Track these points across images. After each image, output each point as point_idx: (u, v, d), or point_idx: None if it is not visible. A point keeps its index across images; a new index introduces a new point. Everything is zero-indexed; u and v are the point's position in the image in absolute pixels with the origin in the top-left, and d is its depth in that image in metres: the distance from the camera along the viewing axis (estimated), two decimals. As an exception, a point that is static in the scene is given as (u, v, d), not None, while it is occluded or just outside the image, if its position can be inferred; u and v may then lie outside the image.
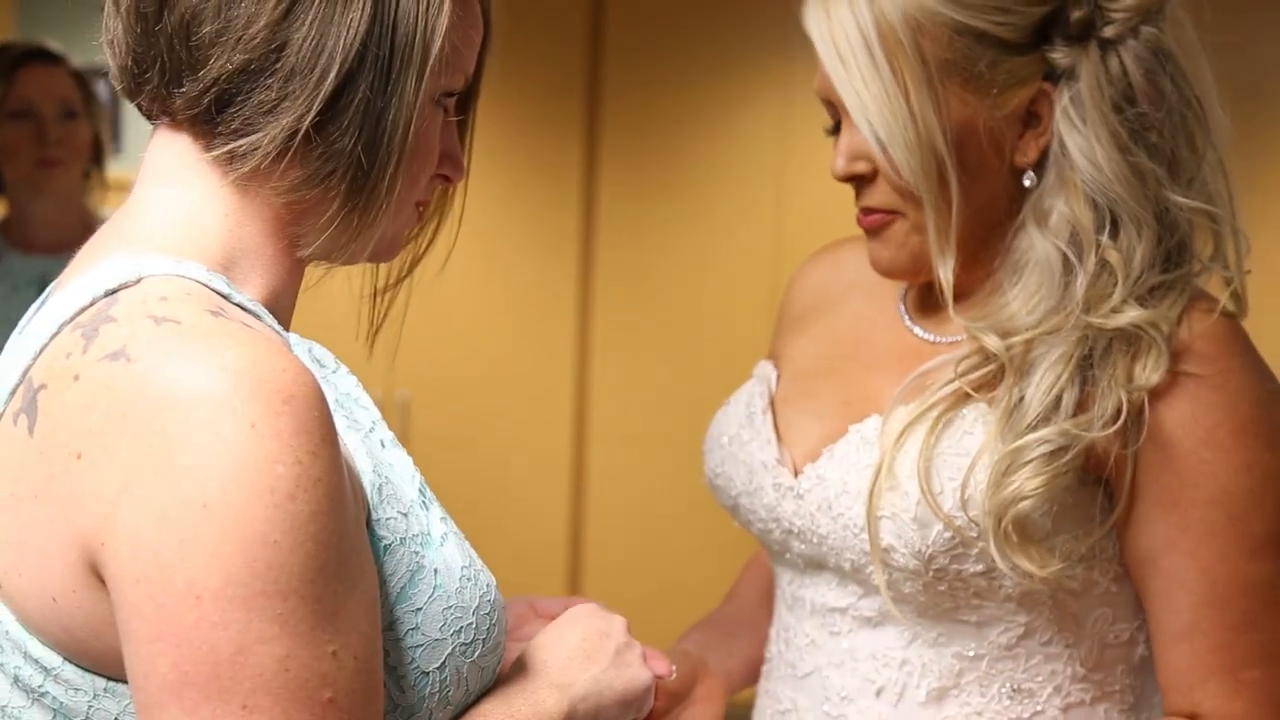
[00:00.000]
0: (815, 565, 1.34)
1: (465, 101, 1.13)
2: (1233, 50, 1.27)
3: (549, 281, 4.73)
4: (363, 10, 0.97)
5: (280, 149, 0.97)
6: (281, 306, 1.05)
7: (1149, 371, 1.16)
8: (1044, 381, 1.18)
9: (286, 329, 1.05)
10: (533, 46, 4.50)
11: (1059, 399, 1.17)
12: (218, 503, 0.86)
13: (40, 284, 2.62)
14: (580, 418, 4.78)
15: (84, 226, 2.61)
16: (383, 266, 1.16)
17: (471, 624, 1.01)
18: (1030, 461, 1.16)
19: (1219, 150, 1.23)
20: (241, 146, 0.98)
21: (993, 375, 1.22)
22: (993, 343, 1.20)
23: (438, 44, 1.00)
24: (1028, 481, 1.16)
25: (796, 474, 1.33)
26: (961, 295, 1.25)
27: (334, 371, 1.06)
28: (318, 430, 0.89)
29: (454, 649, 1.00)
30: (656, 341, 4.65)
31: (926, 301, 1.33)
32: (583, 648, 1.13)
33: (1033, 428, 1.16)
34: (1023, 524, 1.17)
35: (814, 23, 1.22)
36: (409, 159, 1.02)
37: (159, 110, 1.01)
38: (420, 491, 1.03)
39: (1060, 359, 1.18)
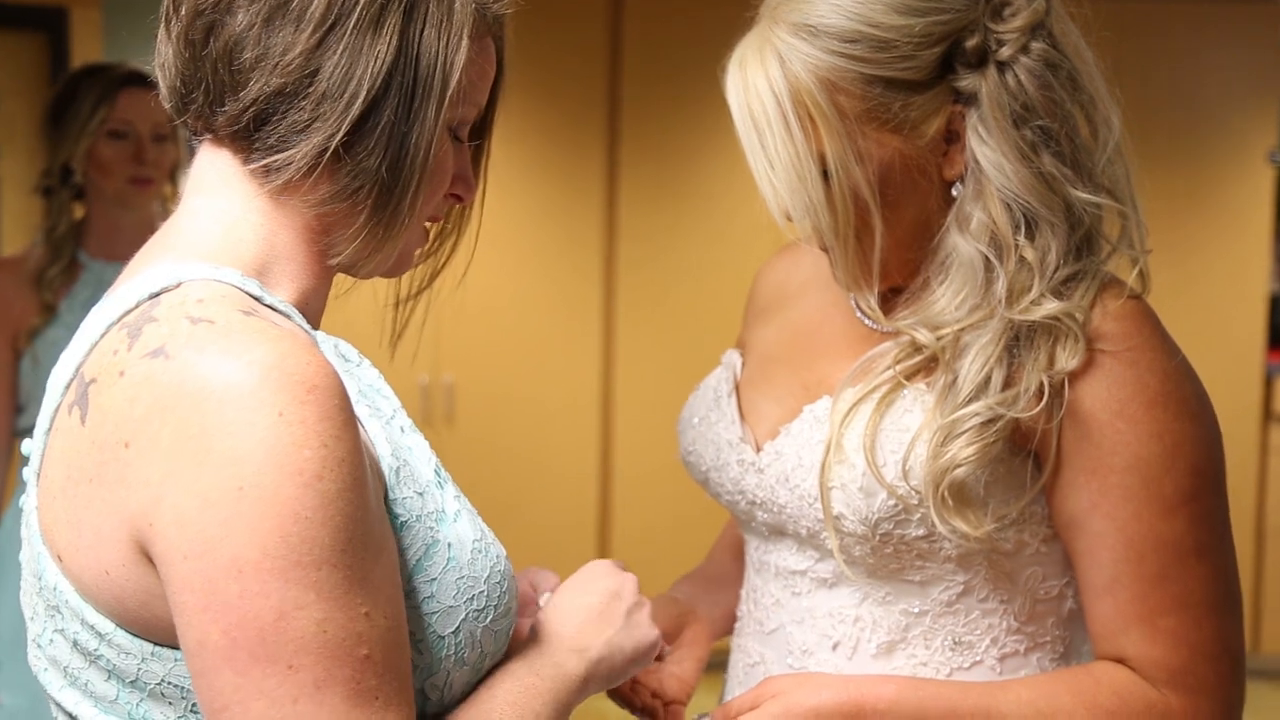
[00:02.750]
0: (777, 532, 1.37)
1: (481, 129, 1.15)
2: (1109, 44, 1.28)
3: (577, 275, 4.99)
4: (389, 43, 1.00)
5: (311, 164, 1.00)
6: (311, 308, 1.07)
7: (1067, 357, 1.19)
8: (974, 364, 1.21)
9: (316, 328, 1.08)
10: (558, 65, 4.73)
11: (988, 378, 1.20)
12: (252, 485, 0.88)
13: None
14: (606, 396, 5.04)
15: None
16: (405, 279, 1.19)
17: (483, 592, 1.02)
18: (964, 433, 1.19)
19: (1115, 137, 1.25)
20: (276, 161, 1.00)
21: (927, 363, 1.25)
22: (923, 336, 1.24)
23: (456, 77, 1.03)
24: (962, 450, 1.19)
25: (758, 451, 1.37)
26: (899, 291, 1.31)
27: (358, 365, 1.07)
28: (339, 416, 0.91)
29: (468, 615, 1.01)
30: (674, 325, 4.89)
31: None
32: (598, 610, 1.15)
33: (966, 404, 1.20)
34: (958, 489, 1.20)
35: (732, 92, 1.23)
36: (427, 179, 1.04)
37: (203, 128, 1.04)
38: (436, 472, 1.04)
39: (988, 343, 1.21)
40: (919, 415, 1.24)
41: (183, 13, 1.02)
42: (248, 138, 1.02)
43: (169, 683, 0.96)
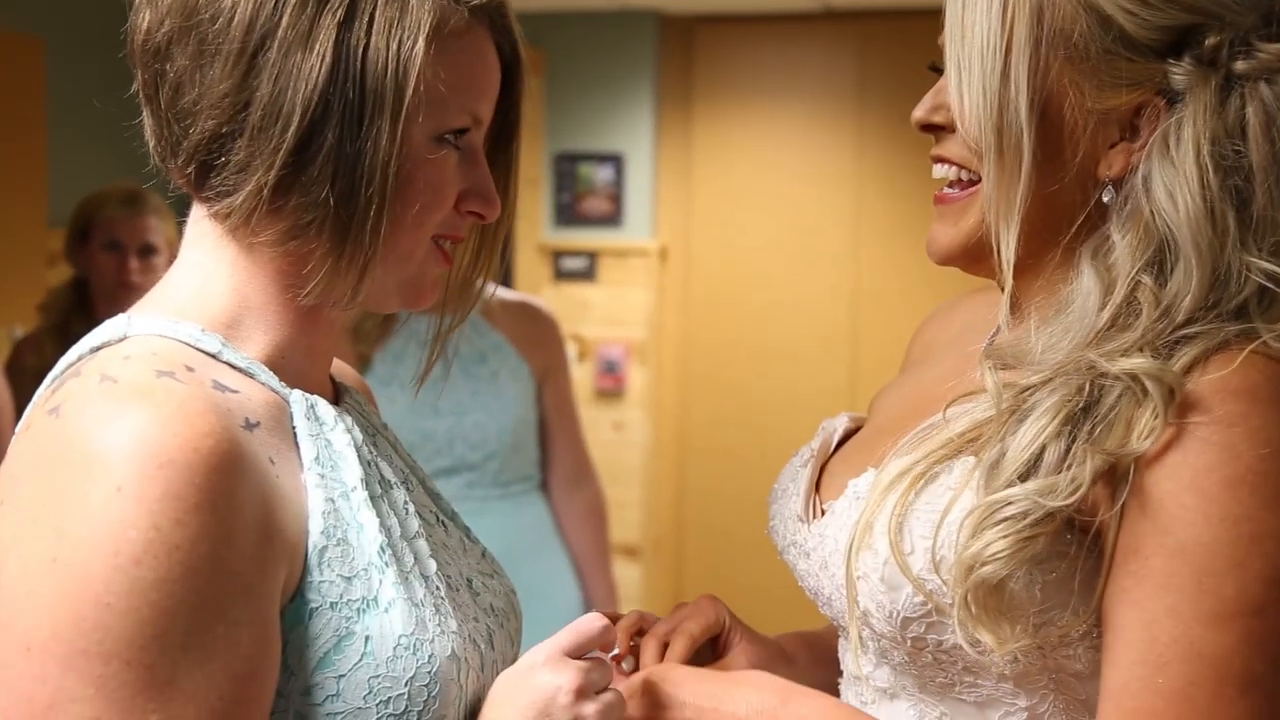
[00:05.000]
0: (837, 629, 1.24)
1: (502, 138, 1.12)
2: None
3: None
4: (323, 60, 0.95)
5: (253, 204, 0.97)
6: (291, 359, 1.04)
7: (1140, 435, 0.95)
8: (1028, 434, 0.99)
9: (316, 378, 1.08)
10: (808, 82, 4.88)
11: (1040, 453, 0.98)
12: (65, 559, 0.85)
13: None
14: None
15: None
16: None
17: (403, 694, 0.96)
18: (1000, 521, 0.97)
19: None
20: (223, 207, 0.98)
21: (990, 423, 1.04)
22: (989, 382, 1.03)
23: (412, 84, 0.97)
24: (994, 543, 0.96)
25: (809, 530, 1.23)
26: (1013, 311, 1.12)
27: (333, 429, 1.03)
28: (192, 497, 0.86)
29: (380, 718, 0.95)
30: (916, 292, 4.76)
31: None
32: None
33: (1010, 484, 0.98)
34: (988, 591, 0.97)
35: None
36: (396, 200, 0.99)
37: (183, 185, 1.03)
38: (381, 552, 0.99)
39: (1050, 409, 0.99)
40: (965, 495, 1.03)
41: (138, 72, 1.02)
42: (202, 186, 1.00)
43: None
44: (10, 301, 3.71)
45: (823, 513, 1.17)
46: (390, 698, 0.96)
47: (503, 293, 2.87)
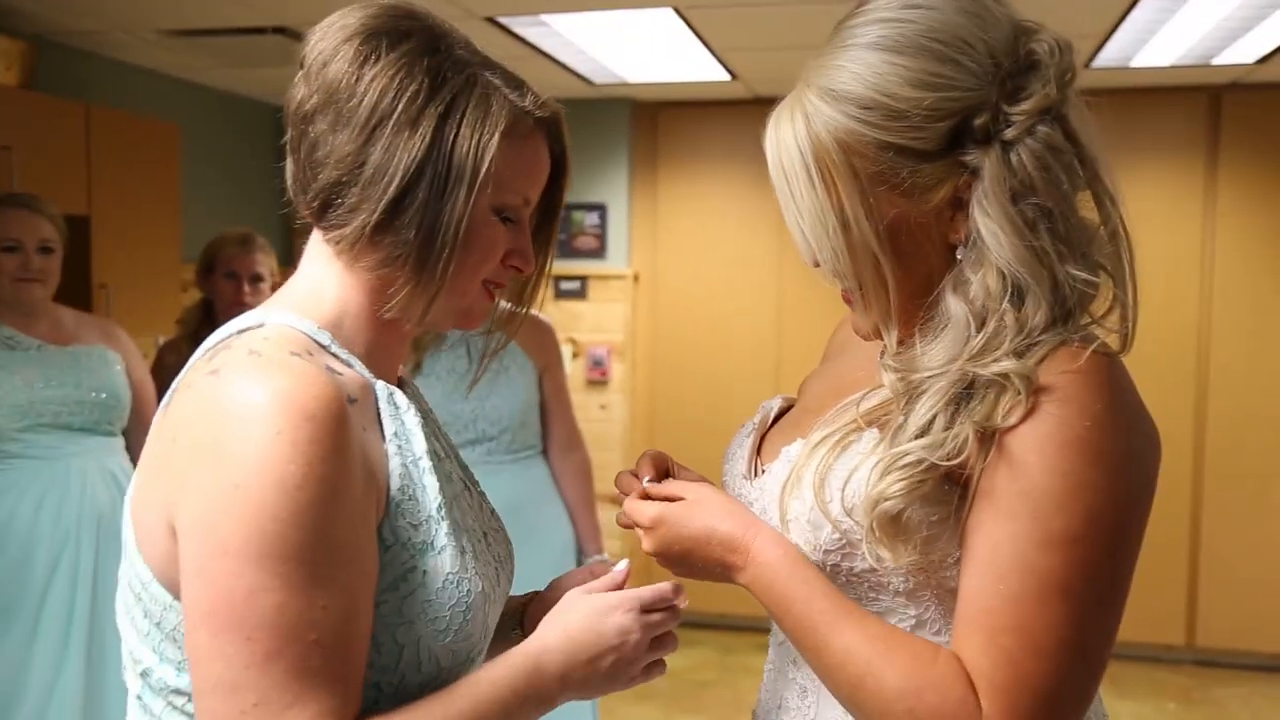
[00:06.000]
0: None
1: (548, 213, 1.11)
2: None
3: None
4: (424, 140, 0.96)
5: (357, 237, 0.98)
6: (378, 358, 1.04)
7: (1004, 413, 0.95)
8: (922, 407, 1.00)
9: (390, 373, 1.06)
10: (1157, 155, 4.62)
11: (931, 421, 0.99)
12: (244, 485, 0.85)
13: (465, 345, 2.72)
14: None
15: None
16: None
17: (445, 617, 0.96)
18: (897, 469, 0.98)
19: (1114, 223, 1.03)
20: (336, 235, 1.00)
21: (891, 403, 1.05)
22: (889, 380, 1.04)
23: (485, 167, 0.97)
24: (891, 485, 0.98)
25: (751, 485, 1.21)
26: (906, 342, 1.10)
27: (405, 411, 1.01)
28: (329, 442, 0.88)
29: (426, 633, 0.95)
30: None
31: None
32: (594, 657, 0.99)
33: (906, 443, 1.00)
34: (888, 521, 0.98)
35: (767, 146, 1.06)
36: (462, 250, 0.99)
37: (307, 216, 1.04)
38: (439, 509, 0.98)
39: (938, 391, 0.99)
40: (871, 457, 1.03)
41: (287, 128, 1.03)
42: (322, 218, 1.01)
43: (180, 630, 0.94)
44: (155, 318, 3.72)
45: (763, 472, 1.16)
46: (435, 616, 0.95)
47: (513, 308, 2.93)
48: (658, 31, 3.68)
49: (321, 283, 1.02)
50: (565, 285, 4.97)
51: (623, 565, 1.07)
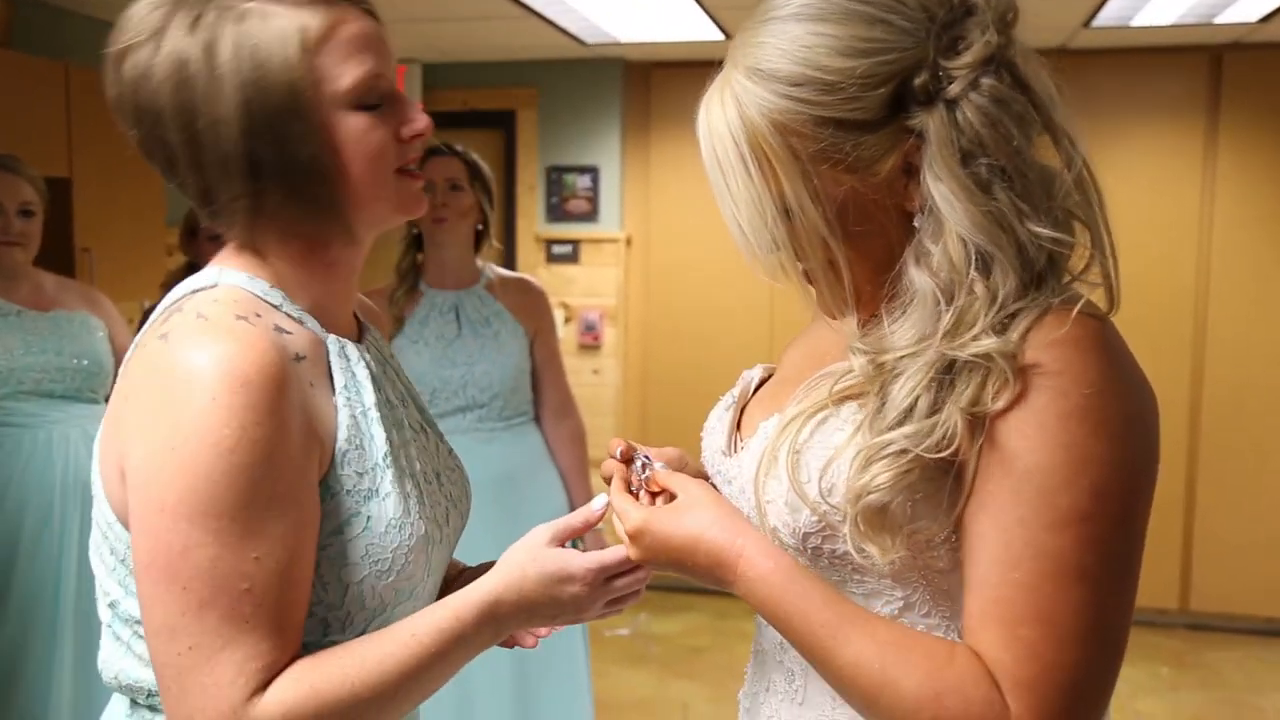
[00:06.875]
0: None
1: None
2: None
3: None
4: (231, 108, 0.96)
5: (246, 233, 1.02)
6: (328, 308, 1.07)
7: (992, 396, 0.90)
8: (902, 390, 0.94)
9: (343, 321, 1.09)
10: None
11: (913, 405, 0.93)
12: (180, 447, 0.90)
13: (455, 311, 2.77)
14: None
15: (473, 272, 2.84)
16: None
17: (388, 558, 1.01)
18: (882, 459, 0.92)
19: (1078, 167, 0.95)
20: (230, 238, 1.05)
21: (864, 385, 0.98)
22: (858, 362, 0.98)
23: (303, 92, 0.96)
24: (878, 476, 0.92)
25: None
26: (875, 318, 1.04)
27: (356, 364, 1.06)
28: (265, 405, 0.92)
29: (370, 572, 1.01)
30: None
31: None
32: (545, 615, 1.03)
33: (888, 429, 0.93)
34: (874, 514, 0.93)
35: (700, 135, 1.00)
36: (342, 172, 0.99)
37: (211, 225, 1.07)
38: (384, 458, 1.03)
39: (920, 369, 0.93)
40: (849, 434, 0.97)
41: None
42: (215, 225, 1.05)
43: None
44: (139, 282, 3.69)
45: (741, 448, 1.11)
46: (379, 558, 1.00)
47: (504, 272, 2.86)
48: (650, -11, 3.63)
49: (253, 264, 1.04)
50: (557, 249, 4.96)
51: (600, 501, 1.07)
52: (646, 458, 1.10)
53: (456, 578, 1.24)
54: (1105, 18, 3.92)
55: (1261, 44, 4.40)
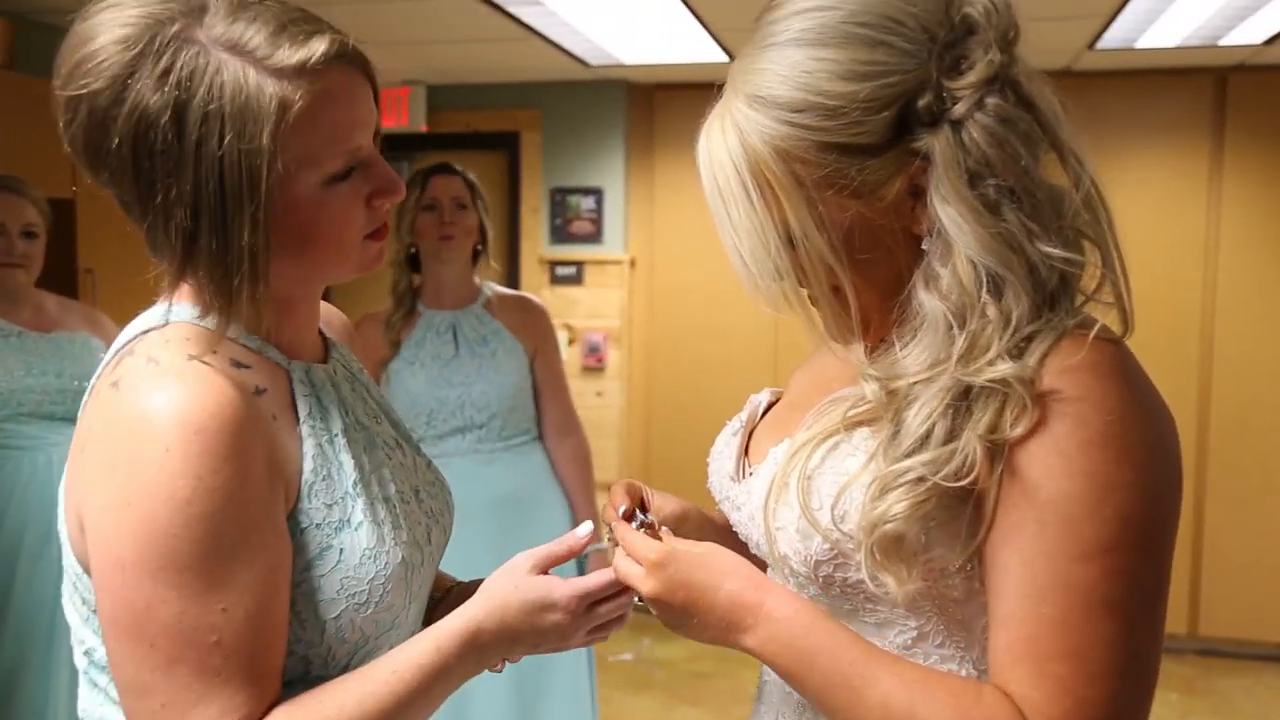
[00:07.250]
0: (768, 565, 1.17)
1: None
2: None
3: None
4: (191, 168, 0.91)
5: (180, 272, 0.97)
6: (289, 333, 1.04)
7: (1011, 423, 0.88)
8: (917, 417, 0.92)
9: (306, 344, 1.06)
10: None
11: (929, 432, 0.91)
12: (136, 502, 0.88)
13: (452, 330, 2.76)
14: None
15: (472, 291, 2.85)
16: None
17: (364, 590, 0.98)
18: (898, 487, 0.91)
19: (1088, 182, 0.94)
20: (195, 282, 0.97)
21: (876, 411, 0.97)
22: (871, 390, 0.96)
23: (264, 180, 0.91)
24: (894, 505, 0.90)
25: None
26: (883, 343, 1.03)
27: (322, 389, 1.03)
28: (222, 451, 0.89)
29: (348, 606, 0.98)
30: None
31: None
32: (527, 643, 1.01)
33: (904, 457, 0.91)
34: (889, 544, 0.91)
35: (700, 163, 0.98)
36: (312, 239, 0.96)
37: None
38: (354, 485, 1.01)
39: (935, 395, 0.92)
40: (862, 460, 0.96)
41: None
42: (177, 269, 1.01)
43: None
44: (142, 304, 3.60)
45: (750, 474, 1.09)
46: (355, 591, 0.97)
47: (503, 291, 2.85)
48: (654, 9, 3.65)
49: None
50: (561, 271, 4.95)
51: (585, 529, 1.05)
52: (650, 519, 1.09)
53: (445, 595, 1.22)
54: (1110, 40, 3.93)
55: (1266, 66, 4.41)
